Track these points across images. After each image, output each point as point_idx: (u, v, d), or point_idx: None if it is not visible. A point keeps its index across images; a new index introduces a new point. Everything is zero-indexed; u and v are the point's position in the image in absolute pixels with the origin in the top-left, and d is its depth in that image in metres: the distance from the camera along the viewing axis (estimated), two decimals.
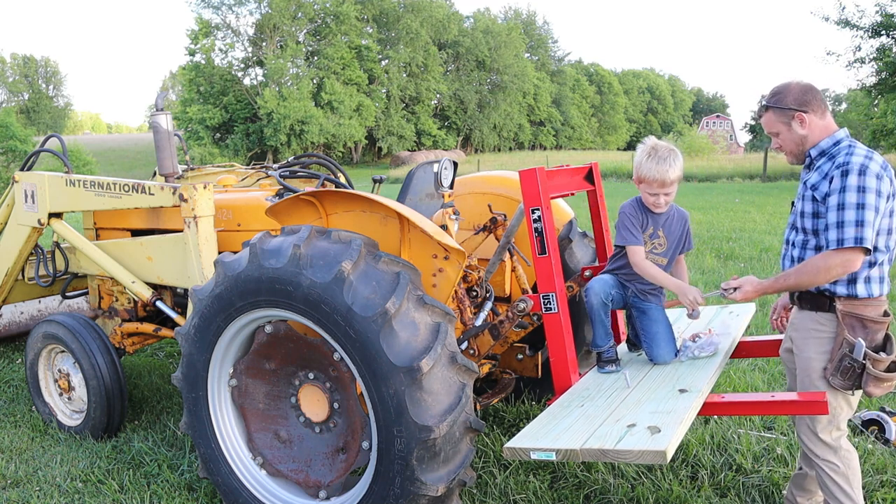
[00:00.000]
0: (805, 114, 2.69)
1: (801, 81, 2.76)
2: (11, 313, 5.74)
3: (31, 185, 4.60)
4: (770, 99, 2.76)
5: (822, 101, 2.72)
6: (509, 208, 3.96)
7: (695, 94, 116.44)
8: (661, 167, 3.07)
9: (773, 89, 2.79)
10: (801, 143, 2.74)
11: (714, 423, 4.13)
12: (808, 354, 2.71)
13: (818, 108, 2.70)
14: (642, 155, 3.12)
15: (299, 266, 2.72)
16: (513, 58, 67.37)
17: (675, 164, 3.09)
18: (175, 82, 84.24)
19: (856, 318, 2.61)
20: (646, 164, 3.10)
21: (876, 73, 26.42)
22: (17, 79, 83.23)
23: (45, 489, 3.70)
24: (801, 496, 3.07)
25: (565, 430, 2.56)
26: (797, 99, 2.70)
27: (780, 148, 2.82)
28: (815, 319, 2.70)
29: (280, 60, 51.97)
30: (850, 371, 2.59)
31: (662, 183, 3.10)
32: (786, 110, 2.71)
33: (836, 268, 2.53)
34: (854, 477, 2.73)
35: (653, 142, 3.17)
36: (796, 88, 2.72)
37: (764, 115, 2.81)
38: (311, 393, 3.08)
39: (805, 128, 2.70)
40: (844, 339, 2.60)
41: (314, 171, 4.78)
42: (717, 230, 12.57)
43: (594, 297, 3.24)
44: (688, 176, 32.96)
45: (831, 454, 2.70)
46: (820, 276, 2.57)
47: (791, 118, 2.71)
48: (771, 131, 2.81)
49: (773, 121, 2.76)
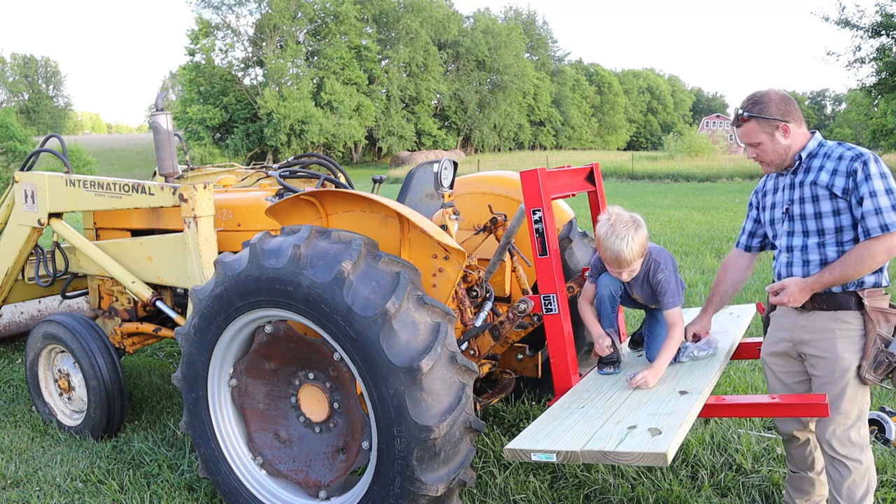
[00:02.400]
0: (788, 124, 2.68)
1: (778, 91, 2.75)
2: (11, 313, 5.74)
3: (32, 185, 4.60)
4: (752, 108, 2.70)
5: (799, 110, 2.74)
6: (509, 208, 3.96)
7: (695, 94, 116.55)
8: (617, 245, 2.91)
9: (751, 98, 2.73)
10: (784, 152, 2.72)
11: (714, 423, 4.13)
12: (839, 355, 2.65)
13: (797, 117, 2.72)
14: (601, 229, 2.98)
15: (299, 266, 2.72)
16: (513, 58, 67.41)
17: (633, 241, 2.91)
18: (175, 82, 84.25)
19: (880, 311, 2.62)
20: (604, 242, 2.95)
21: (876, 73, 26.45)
22: (17, 79, 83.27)
23: (45, 489, 3.70)
24: (800, 497, 3.06)
25: (566, 431, 2.56)
26: (780, 109, 2.68)
27: (757, 158, 2.78)
28: (838, 318, 2.66)
29: (280, 60, 52.02)
30: (886, 365, 2.59)
31: (619, 262, 2.95)
32: (770, 120, 2.68)
33: (881, 254, 2.53)
34: (874, 475, 2.72)
35: (614, 215, 2.98)
36: (777, 98, 2.70)
37: (743, 125, 2.75)
38: (311, 393, 3.08)
39: (788, 138, 2.70)
40: (878, 335, 2.60)
41: (314, 171, 4.78)
42: (717, 230, 12.58)
43: (603, 289, 3.22)
44: (688, 176, 33.02)
45: (858, 452, 2.67)
46: (865, 265, 2.55)
47: (775, 128, 2.69)
48: (752, 142, 2.76)
49: (755, 131, 2.71)
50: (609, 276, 3.22)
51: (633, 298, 3.29)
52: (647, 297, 3.19)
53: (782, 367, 2.90)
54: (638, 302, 3.30)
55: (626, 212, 3.03)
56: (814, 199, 2.67)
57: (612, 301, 3.25)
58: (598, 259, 3.25)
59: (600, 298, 3.25)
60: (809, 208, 2.69)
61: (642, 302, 3.26)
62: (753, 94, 2.75)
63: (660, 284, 3.07)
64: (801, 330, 2.76)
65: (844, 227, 2.63)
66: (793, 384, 2.87)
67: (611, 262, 3.00)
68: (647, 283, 3.12)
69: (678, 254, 10.20)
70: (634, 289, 3.19)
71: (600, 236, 2.98)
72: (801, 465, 3.00)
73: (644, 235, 2.98)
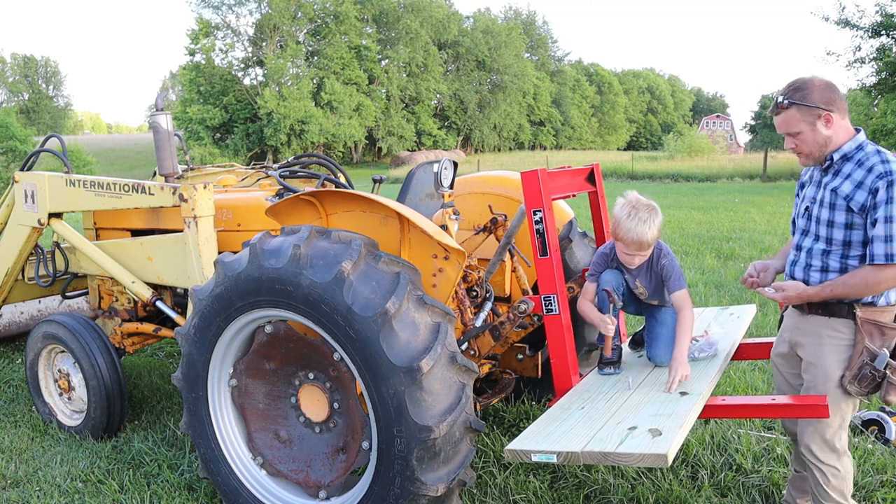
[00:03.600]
0: (832, 113, 2.50)
1: (822, 78, 2.56)
2: (11, 313, 5.74)
3: (32, 185, 4.60)
4: (794, 95, 2.52)
5: (844, 101, 2.56)
6: (509, 208, 3.96)
7: (695, 94, 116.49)
8: (640, 228, 2.95)
9: (793, 84, 2.56)
10: (824, 144, 2.55)
11: (714, 423, 4.13)
12: (825, 362, 2.62)
13: (842, 107, 2.54)
14: (622, 212, 2.98)
15: (299, 266, 2.72)
16: (513, 58, 67.38)
17: (654, 224, 2.97)
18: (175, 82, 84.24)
19: (874, 324, 2.55)
20: (625, 224, 2.97)
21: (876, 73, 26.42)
22: (17, 79, 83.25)
23: (45, 489, 3.70)
24: (801, 497, 3.06)
25: (566, 432, 2.56)
26: (823, 97, 2.50)
27: (796, 149, 2.62)
28: (830, 326, 2.61)
29: (280, 60, 51.99)
30: (871, 379, 2.53)
31: (640, 245, 3.00)
32: (812, 108, 2.50)
33: (886, 282, 2.46)
34: (850, 481, 2.72)
35: (633, 198, 3.02)
36: (821, 85, 2.52)
37: (782, 112, 2.57)
38: (311, 393, 3.08)
39: (830, 128, 2.52)
40: (865, 347, 2.53)
41: (314, 171, 4.78)
42: (717, 230, 12.57)
43: (605, 285, 3.22)
44: (688, 176, 32.99)
45: (835, 458, 2.66)
46: (868, 290, 2.48)
47: (817, 117, 2.51)
48: (790, 131, 2.58)
49: (795, 119, 2.54)
50: (611, 273, 3.22)
51: (636, 297, 3.29)
52: (653, 287, 3.21)
53: (786, 368, 2.89)
54: (640, 300, 3.30)
55: (644, 197, 3.06)
56: (831, 206, 2.56)
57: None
58: (600, 256, 3.25)
59: (602, 296, 3.25)
60: (825, 214, 2.59)
61: (646, 296, 3.25)
62: (795, 80, 2.57)
63: (664, 269, 3.12)
64: (797, 332, 2.75)
65: (854, 242, 2.54)
66: (797, 385, 2.85)
67: (630, 245, 3.01)
68: (652, 271, 3.16)
69: (678, 254, 10.19)
70: (639, 279, 3.20)
71: (620, 219, 2.99)
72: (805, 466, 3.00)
73: (661, 220, 3.03)
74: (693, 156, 44.26)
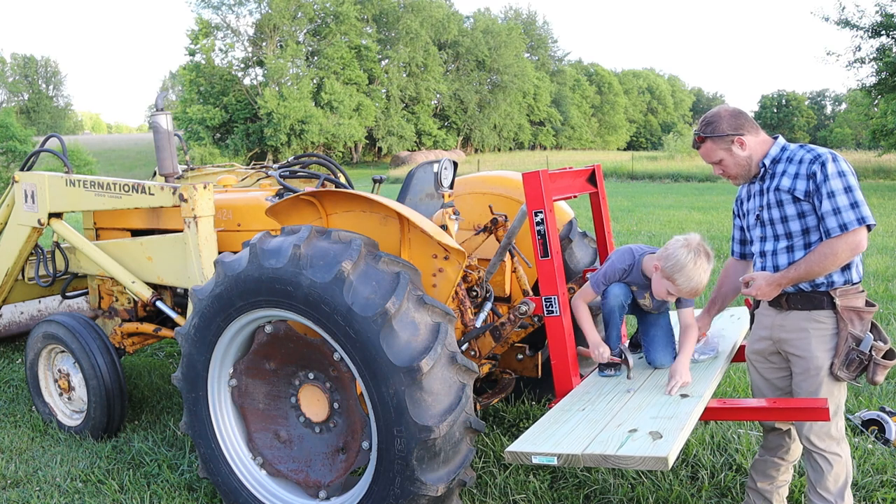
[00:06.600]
0: (743, 136, 2.77)
1: (728, 107, 2.86)
2: (11, 313, 5.74)
3: (32, 185, 4.60)
4: (706, 129, 2.82)
5: (753, 121, 2.83)
6: (509, 208, 3.96)
7: (695, 94, 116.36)
8: (702, 279, 2.95)
9: (704, 120, 2.85)
10: (746, 164, 2.81)
11: (714, 423, 4.13)
12: (813, 353, 2.72)
13: (751, 127, 2.80)
14: (685, 258, 2.93)
15: (299, 266, 2.72)
16: (513, 58, 67.33)
17: (709, 272, 3.01)
18: (175, 82, 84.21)
19: (853, 310, 2.68)
20: (688, 271, 2.93)
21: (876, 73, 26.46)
22: (17, 79, 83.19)
23: (45, 489, 3.70)
24: (763, 481, 3.09)
25: (566, 434, 2.56)
26: (731, 124, 2.78)
27: (724, 174, 2.88)
28: (812, 318, 2.72)
29: (280, 60, 51.94)
30: (858, 363, 2.66)
31: (694, 293, 3.01)
32: (724, 137, 2.78)
33: (844, 252, 2.59)
34: (850, 467, 2.78)
35: (697, 244, 2.96)
36: (727, 114, 2.81)
37: (701, 146, 2.86)
38: (311, 393, 3.08)
39: (746, 149, 2.79)
40: (850, 333, 2.65)
41: (314, 171, 4.78)
42: (717, 230, 12.56)
43: (613, 300, 3.22)
44: (688, 176, 33.01)
45: (835, 445, 2.74)
46: (829, 262, 2.61)
47: (731, 143, 2.78)
48: (712, 160, 2.87)
49: (713, 150, 2.82)
50: (620, 287, 3.21)
51: (641, 306, 3.30)
52: (659, 304, 3.23)
53: (763, 364, 2.96)
54: (644, 310, 3.31)
55: (704, 241, 3.05)
56: (779, 203, 2.74)
57: (622, 311, 3.26)
58: (615, 271, 3.21)
59: (610, 309, 3.24)
60: (776, 213, 2.76)
61: (649, 308, 3.27)
62: (705, 115, 2.87)
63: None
64: (780, 329, 2.82)
65: (811, 228, 2.70)
66: (774, 380, 2.93)
67: (684, 291, 2.99)
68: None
69: None
70: (648, 294, 3.20)
71: (683, 265, 2.92)
72: (775, 450, 3.05)
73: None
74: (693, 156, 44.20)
